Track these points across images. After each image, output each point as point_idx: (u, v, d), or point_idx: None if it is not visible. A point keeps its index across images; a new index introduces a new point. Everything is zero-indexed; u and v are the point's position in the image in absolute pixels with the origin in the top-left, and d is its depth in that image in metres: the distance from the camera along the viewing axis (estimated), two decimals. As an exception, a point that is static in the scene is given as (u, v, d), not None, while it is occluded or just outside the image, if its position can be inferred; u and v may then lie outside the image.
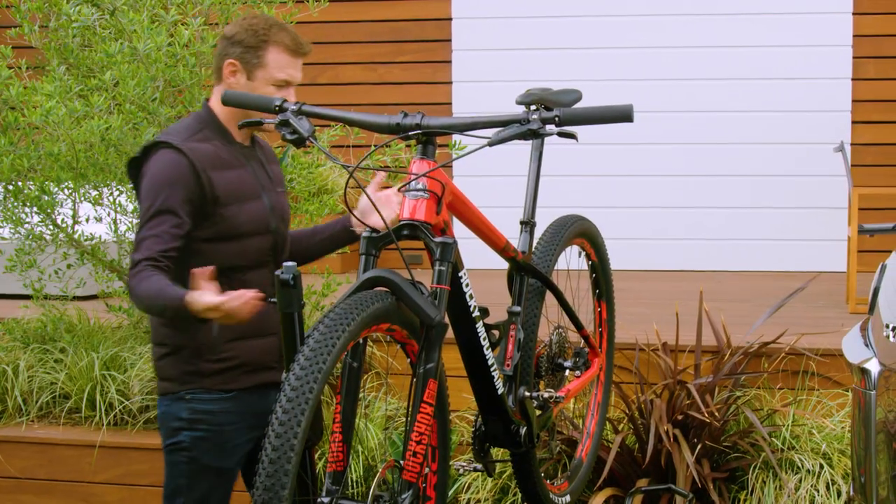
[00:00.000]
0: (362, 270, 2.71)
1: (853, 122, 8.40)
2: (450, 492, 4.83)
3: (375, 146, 3.03)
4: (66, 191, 5.25)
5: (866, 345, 3.06)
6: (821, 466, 4.53)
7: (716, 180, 8.60)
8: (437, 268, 2.77)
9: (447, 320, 2.79)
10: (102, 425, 5.03)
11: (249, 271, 3.22)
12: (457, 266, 2.85)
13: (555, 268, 3.58)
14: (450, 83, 8.81)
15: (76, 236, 5.31)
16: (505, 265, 3.48)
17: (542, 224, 3.59)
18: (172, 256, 3.06)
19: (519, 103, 3.35)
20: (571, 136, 2.84)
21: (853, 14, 8.38)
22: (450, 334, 2.89)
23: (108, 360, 5.17)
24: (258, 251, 3.23)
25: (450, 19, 8.84)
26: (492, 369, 3.07)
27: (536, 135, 2.80)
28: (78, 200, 5.33)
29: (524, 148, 3.54)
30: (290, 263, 2.60)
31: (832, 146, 7.29)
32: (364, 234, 2.77)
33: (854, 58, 8.39)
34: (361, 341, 2.59)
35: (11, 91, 4.93)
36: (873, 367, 2.94)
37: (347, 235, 3.46)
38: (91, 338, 5.38)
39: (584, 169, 8.59)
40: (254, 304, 2.86)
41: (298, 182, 5.24)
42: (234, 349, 3.18)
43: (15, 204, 5.23)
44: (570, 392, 3.59)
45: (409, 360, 2.78)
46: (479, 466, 3.23)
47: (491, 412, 3.20)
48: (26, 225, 5.29)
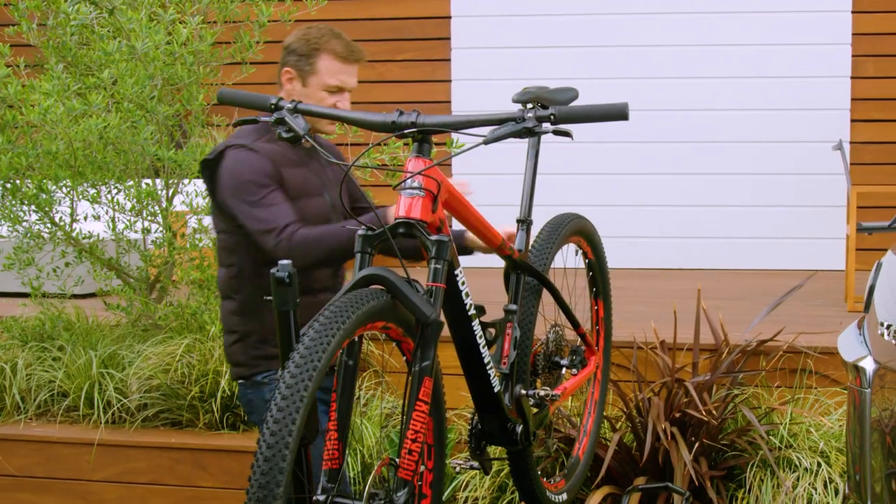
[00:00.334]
0: (358, 268, 2.72)
1: (852, 121, 8.39)
2: (447, 490, 4.83)
3: (371, 144, 3.04)
4: (64, 189, 5.26)
5: (862, 343, 3.07)
6: (818, 465, 4.53)
7: (714, 179, 8.60)
8: (433, 266, 2.77)
9: (443, 318, 2.79)
10: (100, 423, 5.03)
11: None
12: (452, 264, 2.85)
13: (552, 266, 3.59)
14: (449, 81, 8.80)
15: (74, 234, 5.31)
16: (501, 263, 3.49)
17: (539, 222, 3.60)
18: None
19: (515, 101, 3.35)
20: (567, 135, 2.85)
21: (852, 12, 8.37)
22: (446, 332, 2.90)
23: (107, 359, 5.17)
24: None
25: (449, 17, 8.83)
26: (488, 367, 3.07)
27: (532, 133, 2.81)
28: (76, 198, 5.34)
29: (521, 146, 3.55)
30: (286, 262, 2.60)
31: (831, 144, 7.29)
32: (359, 233, 2.78)
33: (853, 56, 8.38)
34: (357, 339, 2.60)
35: (9, 89, 4.94)
36: (868, 366, 2.95)
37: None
38: (89, 336, 5.38)
39: (583, 167, 8.60)
40: None
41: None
42: None
43: (13, 202, 5.24)
44: (567, 390, 3.59)
45: (405, 358, 2.78)
46: (476, 464, 3.23)
47: (487, 410, 3.20)
48: (24, 223, 5.30)
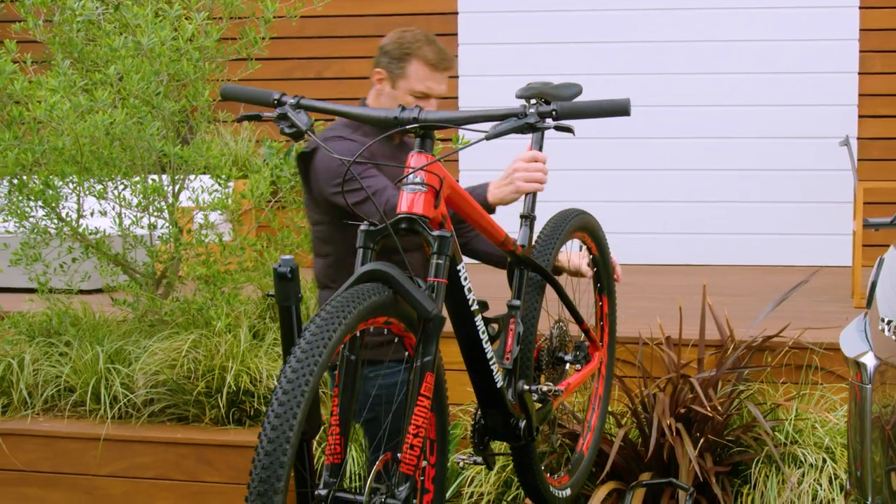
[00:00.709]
0: (360, 263, 2.72)
1: (860, 117, 8.38)
2: (453, 485, 4.84)
3: (375, 139, 3.04)
4: (71, 185, 5.27)
5: (863, 339, 3.07)
6: (824, 461, 4.52)
7: (720, 174, 8.59)
8: (435, 261, 2.78)
9: (445, 314, 2.79)
10: (107, 418, 5.04)
11: (395, 254, 3.29)
12: (455, 259, 2.86)
13: (555, 262, 3.59)
14: (456, 77, 8.80)
15: (81, 230, 5.32)
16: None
17: (543, 218, 3.60)
18: None
19: (519, 97, 3.36)
20: (568, 130, 2.85)
21: (860, 8, 8.36)
22: (449, 328, 2.90)
23: (113, 354, 5.18)
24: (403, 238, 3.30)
25: (456, 13, 8.84)
26: (491, 363, 3.07)
27: (534, 128, 2.81)
28: (82, 194, 5.35)
29: (526, 142, 3.55)
30: (288, 257, 2.61)
31: (838, 140, 7.28)
32: (361, 228, 2.78)
33: (861, 52, 8.37)
34: (359, 334, 2.60)
35: (16, 85, 4.96)
36: (869, 362, 2.95)
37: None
38: (96, 331, 5.39)
39: (589, 163, 8.60)
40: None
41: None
42: None
43: (20, 198, 5.25)
44: (570, 386, 3.59)
45: (407, 353, 2.79)
46: (479, 460, 3.23)
47: (490, 405, 3.20)
48: (31, 219, 5.31)
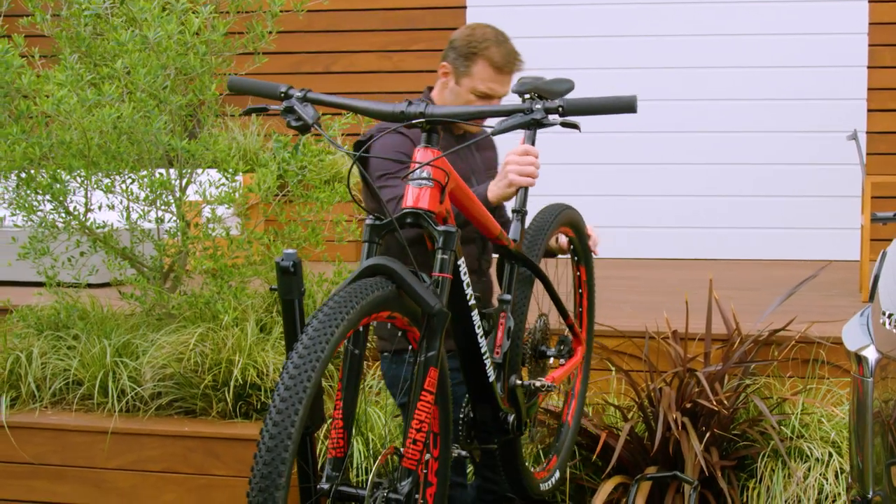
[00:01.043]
0: (364, 258, 2.72)
1: (869, 111, 8.37)
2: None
3: (381, 134, 3.05)
4: (79, 179, 5.28)
5: (865, 332, 3.07)
6: (830, 455, 4.52)
7: (728, 168, 8.58)
8: (440, 256, 2.78)
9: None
10: (114, 412, 5.05)
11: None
12: (457, 255, 2.86)
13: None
14: (464, 71, 8.79)
15: (88, 224, 5.33)
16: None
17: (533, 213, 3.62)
18: None
19: (514, 91, 3.38)
20: (574, 127, 2.85)
21: (869, 2, 8.35)
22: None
23: (121, 347, 5.19)
24: (463, 229, 3.29)
25: (464, 7, 8.84)
26: (484, 357, 3.09)
27: (540, 124, 2.83)
28: (90, 188, 5.35)
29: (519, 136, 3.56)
30: (291, 251, 2.61)
31: (846, 134, 7.27)
32: (367, 222, 2.78)
33: (870, 45, 8.35)
34: (362, 329, 2.60)
35: (24, 80, 4.96)
36: (871, 355, 2.95)
37: None
38: (104, 325, 5.39)
39: (594, 157, 8.60)
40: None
41: (310, 170, 5.26)
42: None
43: (28, 192, 5.25)
44: (556, 380, 3.62)
45: (411, 348, 2.79)
46: (465, 453, 3.24)
47: (480, 399, 3.22)
48: (39, 212, 5.32)
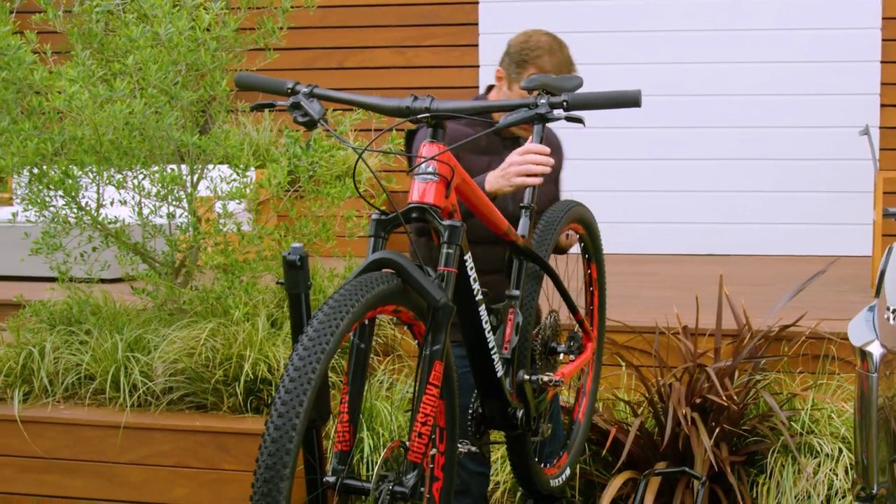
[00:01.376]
0: (370, 252, 2.73)
1: (882, 106, 8.33)
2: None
3: (385, 129, 3.05)
4: (91, 174, 5.30)
5: (870, 328, 3.07)
6: (840, 451, 4.51)
7: (740, 164, 8.56)
8: (445, 250, 2.79)
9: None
10: (126, 406, 5.07)
11: (481, 246, 3.33)
12: (462, 249, 2.87)
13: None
14: (477, 67, 8.80)
15: (101, 219, 5.35)
16: None
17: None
18: None
19: (522, 88, 3.39)
20: (579, 121, 2.86)
21: (882, -5, 8.32)
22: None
23: (133, 342, 5.21)
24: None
25: (477, 3, 8.83)
26: (492, 352, 3.09)
27: (545, 119, 2.83)
28: (102, 184, 5.38)
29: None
30: (298, 245, 2.62)
31: (859, 130, 7.25)
32: (373, 217, 2.79)
33: (883, 40, 8.31)
34: (368, 322, 2.61)
35: (36, 76, 4.98)
36: (875, 350, 2.95)
37: None
38: (116, 320, 5.42)
39: (606, 153, 8.58)
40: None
41: (321, 165, 5.27)
42: None
43: (40, 187, 5.28)
44: (566, 376, 3.62)
45: (417, 342, 2.80)
46: (475, 449, 3.25)
47: (489, 395, 3.22)
48: (51, 208, 5.34)
